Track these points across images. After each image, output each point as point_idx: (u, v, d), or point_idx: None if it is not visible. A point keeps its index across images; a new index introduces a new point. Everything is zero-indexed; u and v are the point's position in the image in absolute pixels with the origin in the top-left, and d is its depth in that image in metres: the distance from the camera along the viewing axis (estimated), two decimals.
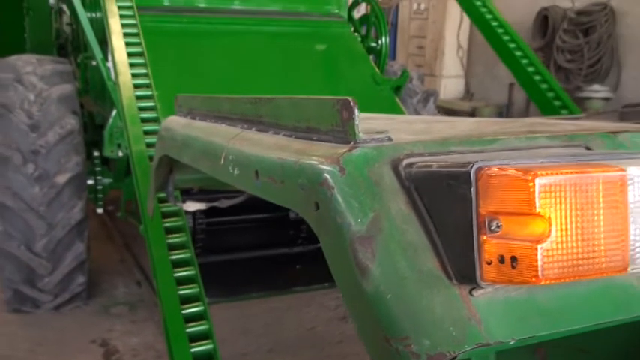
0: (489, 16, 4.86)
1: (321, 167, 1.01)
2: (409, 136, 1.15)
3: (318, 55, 5.57)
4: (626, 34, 9.28)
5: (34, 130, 4.39)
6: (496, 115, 10.43)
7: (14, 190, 4.30)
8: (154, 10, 5.11)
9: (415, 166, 0.99)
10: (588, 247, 0.88)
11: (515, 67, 4.66)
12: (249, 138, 1.32)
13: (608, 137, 1.18)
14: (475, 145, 1.07)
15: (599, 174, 0.88)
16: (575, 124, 1.47)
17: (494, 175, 0.86)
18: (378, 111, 5.20)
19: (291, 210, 1.20)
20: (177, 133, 1.84)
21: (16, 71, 4.59)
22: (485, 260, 0.88)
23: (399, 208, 0.96)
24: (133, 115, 3.36)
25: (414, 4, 12.22)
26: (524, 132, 1.20)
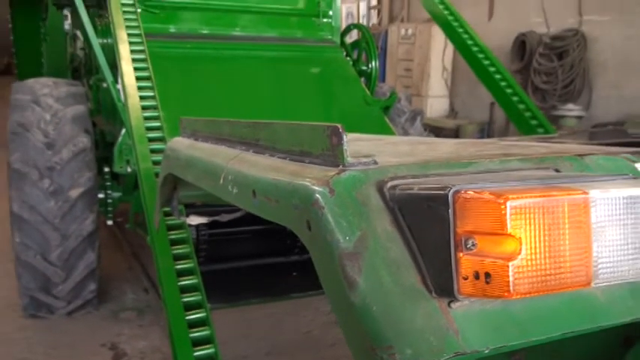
0: (470, 42, 4.88)
1: (312, 188, 1.02)
2: (394, 158, 1.16)
3: (313, 78, 5.60)
4: (596, 58, 9.36)
5: (50, 147, 4.41)
6: (478, 131, 10.46)
7: (31, 203, 4.30)
8: (160, 36, 5.14)
9: (398, 188, 1.00)
10: (555, 264, 0.89)
11: (495, 89, 4.68)
12: (248, 159, 1.33)
13: (575, 160, 1.20)
14: (453, 167, 1.08)
15: (564, 197, 0.89)
16: (547, 146, 1.48)
17: (470, 197, 0.88)
18: (368, 130, 5.23)
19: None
20: (182, 153, 1.85)
21: (34, 93, 4.61)
22: (462, 276, 0.89)
23: (383, 227, 0.97)
24: (141, 135, 3.37)
25: (401, 29, 12.27)
26: (498, 155, 1.22)
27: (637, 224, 0.93)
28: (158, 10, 5.27)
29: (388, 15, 13.49)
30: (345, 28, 6.38)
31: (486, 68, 4.69)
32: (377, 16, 13.88)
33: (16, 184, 4.33)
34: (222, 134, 1.60)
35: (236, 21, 5.59)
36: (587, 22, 9.41)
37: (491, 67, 4.71)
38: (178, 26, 5.39)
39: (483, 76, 4.74)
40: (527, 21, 10.23)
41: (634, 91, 8.90)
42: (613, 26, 9.08)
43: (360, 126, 5.24)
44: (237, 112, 4.88)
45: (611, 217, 0.92)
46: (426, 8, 5.37)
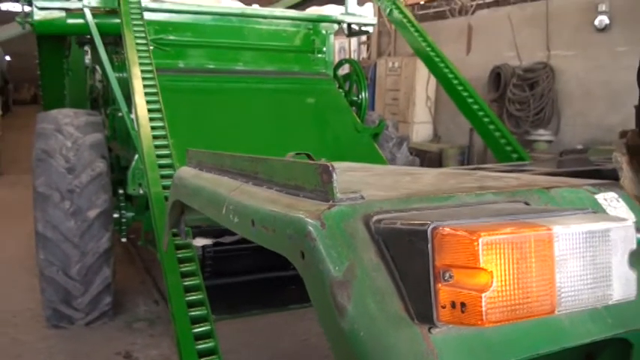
0: (451, 75, 4.91)
1: (305, 221, 1.02)
2: (379, 192, 1.16)
3: (308, 108, 5.62)
4: (563, 88, 9.44)
5: (71, 172, 4.41)
6: (459, 154, 10.49)
7: (54, 223, 4.30)
8: (170, 71, 5.17)
9: (383, 222, 1.00)
10: (523, 294, 0.89)
11: (474, 118, 4.70)
12: (247, 191, 1.33)
13: (543, 192, 1.20)
14: (433, 201, 1.09)
15: (531, 233, 0.90)
16: (519, 177, 1.49)
17: (447, 233, 0.89)
18: (359, 155, 5.26)
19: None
20: (188, 182, 1.85)
21: (57, 123, 4.63)
22: (441, 305, 0.89)
23: (369, 258, 0.97)
24: (152, 162, 3.38)
25: (389, 62, 12.34)
26: (474, 188, 1.22)
27: (595, 256, 0.94)
28: (168, 48, 5.32)
29: (377, 50, 13.57)
30: (337, 63, 6.42)
31: (465, 99, 4.72)
32: (367, 51, 13.96)
33: (40, 206, 4.33)
34: (224, 166, 1.60)
35: (238, 57, 5.63)
36: (554, 57, 9.50)
37: (470, 98, 4.73)
38: (186, 62, 5.42)
39: (462, 106, 4.77)
40: (501, 55, 10.31)
41: (597, 118, 8.97)
42: (577, 60, 9.18)
43: (351, 152, 5.27)
44: (239, 139, 4.90)
45: (573, 250, 0.93)
46: (410, 45, 5.41)
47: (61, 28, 5.15)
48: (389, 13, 5.51)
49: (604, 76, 8.77)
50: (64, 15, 5.01)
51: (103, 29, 4.92)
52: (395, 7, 5.46)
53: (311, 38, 5.92)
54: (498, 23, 10.43)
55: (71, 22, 5.05)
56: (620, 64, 8.53)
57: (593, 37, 8.83)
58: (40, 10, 4.95)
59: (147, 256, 6.29)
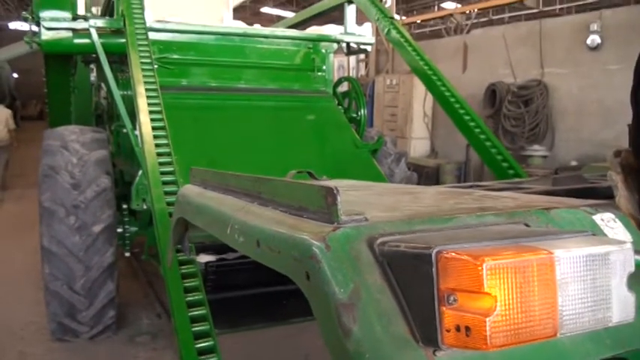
0: (448, 93, 4.92)
1: (310, 242, 1.01)
2: (381, 213, 1.16)
3: (308, 125, 5.63)
4: (557, 105, 9.47)
5: (76, 188, 4.41)
6: (456, 169, 10.48)
7: (59, 238, 4.29)
8: (174, 89, 5.18)
9: (387, 245, 1.00)
10: (526, 318, 0.88)
11: (470, 135, 4.70)
12: (252, 211, 1.32)
13: (542, 213, 1.20)
14: (435, 223, 1.08)
15: (533, 257, 0.89)
16: (517, 197, 1.48)
17: (451, 257, 0.88)
18: (358, 170, 5.27)
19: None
20: (192, 200, 1.84)
21: (63, 139, 4.63)
22: (445, 328, 0.89)
23: (374, 280, 0.96)
24: (156, 179, 3.37)
25: (387, 80, 12.38)
26: (475, 208, 1.22)
27: (595, 279, 0.93)
28: (172, 66, 5.33)
29: (375, 67, 13.62)
30: (337, 81, 6.44)
31: (462, 116, 4.72)
32: (365, 68, 14.01)
33: (46, 221, 4.32)
34: (229, 185, 1.59)
35: (240, 75, 5.65)
36: (548, 74, 9.54)
37: (466, 115, 4.73)
38: (189, 80, 5.44)
39: (459, 123, 4.77)
40: (496, 73, 10.35)
41: (590, 134, 9.00)
42: (570, 78, 9.23)
43: (350, 168, 5.27)
44: (241, 156, 4.91)
45: (574, 273, 0.92)
46: (408, 64, 5.42)
47: (67, 47, 5.17)
48: (387, 32, 5.53)
49: (596, 93, 8.81)
50: (70, 35, 5.04)
51: (109, 48, 4.94)
52: (393, 26, 5.48)
53: (311, 57, 5.95)
54: (493, 42, 10.49)
55: (78, 42, 5.07)
56: (612, 82, 8.58)
57: (585, 55, 8.88)
58: (48, 31, 4.98)
59: (150, 269, 6.26)
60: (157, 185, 3.32)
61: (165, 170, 3.45)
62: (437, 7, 25.89)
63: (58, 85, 6.61)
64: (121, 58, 5.45)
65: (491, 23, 23.93)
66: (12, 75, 21.88)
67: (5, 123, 11.45)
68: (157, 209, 3.19)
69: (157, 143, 3.61)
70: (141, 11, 4.62)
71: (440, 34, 20.26)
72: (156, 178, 3.37)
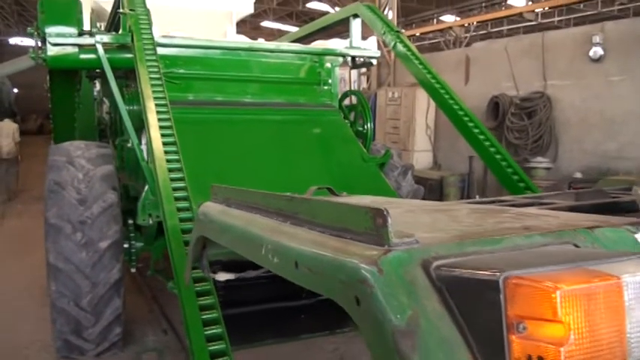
0: (456, 106, 4.90)
1: (361, 266, 0.98)
2: (426, 233, 1.12)
3: (315, 138, 5.61)
4: (560, 116, 9.47)
5: (82, 203, 4.38)
6: (460, 181, 10.46)
7: (65, 254, 4.26)
8: (180, 103, 5.16)
9: (444, 269, 0.96)
10: (597, 346, 0.86)
11: (480, 149, 4.65)
12: (287, 231, 1.29)
13: (587, 233, 1.17)
14: (486, 245, 1.05)
15: (603, 283, 0.86)
16: (556, 214, 1.45)
17: (521, 284, 0.85)
18: (366, 184, 5.24)
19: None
20: (215, 218, 1.81)
21: (69, 155, 4.61)
22: (514, 357, 0.85)
23: (433, 307, 0.93)
24: (168, 195, 3.34)
25: (389, 93, 12.40)
26: (519, 228, 1.19)
27: None
28: (178, 81, 5.32)
29: (377, 80, 13.64)
30: (342, 94, 6.44)
31: (470, 129, 4.71)
32: (367, 82, 14.03)
33: (52, 238, 4.29)
34: (257, 204, 1.56)
35: (246, 89, 5.63)
36: (550, 86, 9.55)
37: (475, 128, 4.72)
38: (195, 94, 5.42)
39: (468, 136, 4.75)
40: (498, 85, 10.36)
41: (593, 145, 9.00)
42: (573, 89, 9.24)
43: (359, 181, 5.25)
44: (248, 170, 4.87)
45: (638, 297, 0.89)
46: (415, 77, 5.41)
47: (73, 62, 5.16)
48: (393, 46, 5.53)
49: (599, 104, 8.81)
50: (76, 50, 5.02)
51: (114, 63, 4.92)
52: (399, 40, 5.48)
53: (317, 71, 5.94)
54: (495, 55, 10.51)
55: (83, 57, 5.06)
56: (614, 93, 8.58)
57: (588, 67, 8.89)
58: (54, 46, 4.96)
59: (155, 284, 6.22)
60: (169, 201, 3.28)
61: (177, 186, 3.42)
62: (436, 20, 26.06)
63: (63, 101, 6.59)
64: (125, 73, 5.44)
65: (489, 36, 24.09)
66: (12, 90, 21.90)
67: (12, 137, 11.97)
68: (169, 225, 3.15)
69: (168, 159, 3.58)
70: (148, 27, 4.61)
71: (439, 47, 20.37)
72: (168, 193, 3.33)
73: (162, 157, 3.57)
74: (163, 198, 3.30)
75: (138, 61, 4.22)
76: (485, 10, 23.20)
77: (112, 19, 5.79)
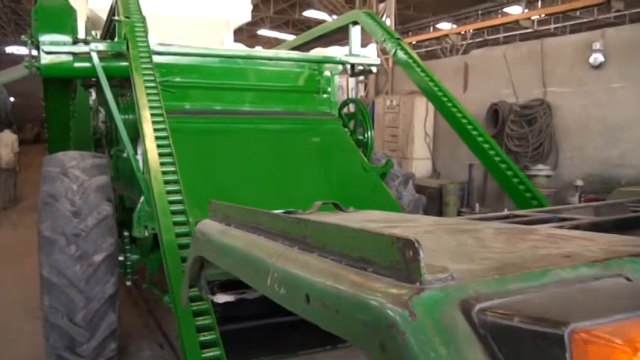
0: (459, 114, 4.79)
1: (389, 308, 0.83)
2: (457, 264, 0.98)
3: (315, 148, 5.47)
4: (560, 123, 9.36)
5: (76, 215, 4.24)
6: (459, 189, 10.32)
7: (59, 268, 4.10)
8: (177, 112, 5.03)
9: (489, 314, 0.81)
10: None
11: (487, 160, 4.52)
12: (295, 258, 1.14)
13: (634, 262, 1.03)
14: (530, 280, 0.90)
15: None
16: (591, 237, 1.31)
17: (592, 341, 0.70)
18: (368, 194, 5.10)
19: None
20: (214, 239, 1.66)
21: (63, 165, 4.48)
22: None
23: (476, 358, 0.78)
24: (164, 208, 3.18)
25: (387, 101, 12.29)
26: (558, 256, 1.04)
27: None
28: (175, 90, 5.19)
29: (374, 88, 13.53)
30: (342, 102, 6.31)
31: (475, 139, 4.58)
32: (364, 89, 13.91)
33: (45, 251, 4.14)
34: (259, 224, 1.41)
35: (244, 97, 5.51)
36: (550, 93, 9.44)
37: (479, 136, 4.58)
38: (192, 103, 5.30)
39: (474, 147, 4.62)
40: (497, 92, 10.25)
41: (594, 152, 8.89)
42: (573, 96, 9.13)
43: (360, 192, 5.11)
44: (247, 181, 4.74)
45: None
46: (416, 84, 5.29)
47: (67, 71, 5.03)
48: (394, 53, 5.40)
49: (600, 111, 8.71)
50: (71, 59, 4.89)
51: (109, 72, 4.80)
52: (400, 47, 5.36)
53: (316, 79, 5.82)
54: (494, 62, 10.41)
55: (78, 66, 4.92)
56: (615, 100, 8.48)
57: (588, 74, 8.79)
58: (48, 55, 4.83)
59: (150, 297, 6.06)
60: (165, 215, 3.13)
61: (173, 199, 3.27)
62: (432, 28, 26.03)
63: (57, 110, 6.45)
64: (121, 82, 5.31)
65: (486, 43, 24.06)
66: (9, 99, 21.74)
67: (11, 147, 12.19)
68: (165, 241, 3.00)
69: (164, 170, 3.43)
70: (144, 34, 4.48)
71: (436, 55, 20.32)
72: (164, 207, 3.18)
73: (158, 169, 3.43)
74: (159, 211, 3.15)
75: (133, 69, 4.09)
76: (482, 18, 23.18)
77: (107, 26, 5.67)
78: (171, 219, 3.12)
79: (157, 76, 4.14)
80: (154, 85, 4.01)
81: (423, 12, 24.05)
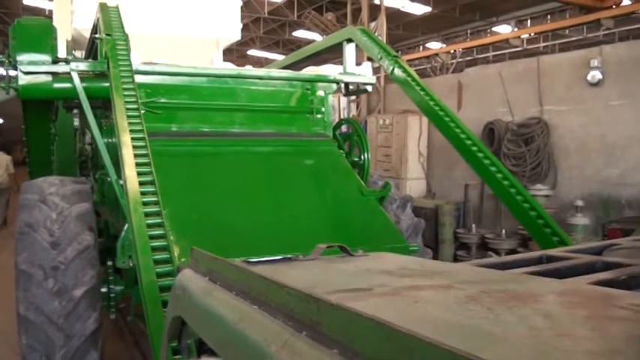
0: (463, 135, 4.50)
1: None
2: None
3: (309, 171, 5.15)
4: (558, 142, 9.11)
5: (55, 247, 3.92)
6: (455, 209, 10.00)
7: (36, 304, 3.76)
8: (162, 135, 4.72)
9: None
10: None
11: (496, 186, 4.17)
12: (306, 353, 0.80)
13: None
14: None
15: None
16: None
17: None
18: (366, 221, 4.76)
19: None
20: (196, 299, 1.32)
21: (42, 192, 4.16)
22: None
23: None
24: (144, 245, 2.82)
25: (380, 120, 12.02)
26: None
27: None
28: (160, 111, 4.87)
29: (366, 107, 13.27)
30: (336, 123, 6.01)
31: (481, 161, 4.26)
32: (356, 109, 13.65)
33: (22, 285, 3.83)
34: (253, 291, 1.08)
35: (234, 118, 5.20)
36: (547, 112, 9.20)
37: (485, 159, 4.28)
38: (179, 125, 4.98)
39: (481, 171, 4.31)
40: (493, 111, 10.00)
41: (593, 171, 8.64)
42: (571, 115, 8.90)
43: (358, 217, 4.78)
44: (236, 207, 4.41)
45: None
46: (415, 103, 4.99)
47: (47, 92, 4.70)
48: (391, 71, 5.11)
49: (599, 130, 8.46)
50: (50, 79, 4.56)
51: (92, 93, 4.48)
52: (398, 65, 5.07)
53: (309, 98, 5.52)
54: (489, 80, 10.18)
55: (58, 87, 4.60)
56: (614, 118, 8.25)
57: (586, 91, 8.56)
58: (26, 75, 4.50)
59: (136, 329, 5.68)
60: (145, 252, 2.77)
61: (154, 234, 2.91)
62: (422, 47, 25.96)
63: (38, 133, 6.10)
64: (104, 103, 5.00)
65: (475, 62, 24.00)
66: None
67: (6, 168, 12.38)
68: (144, 282, 2.63)
69: (145, 201, 3.08)
70: (126, 53, 4.17)
71: (426, 74, 20.17)
72: (144, 244, 2.82)
73: (138, 199, 3.07)
74: (138, 248, 2.79)
75: (113, 90, 3.76)
76: (471, 37, 23.14)
77: (90, 46, 5.35)
78: (151, 257, 2.76)
79: (139, 97, 3.82)
80: (136, 106, 3.68)
81: (412, 31, 23.99)
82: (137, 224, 2.91)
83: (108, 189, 5.09)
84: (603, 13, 14.09)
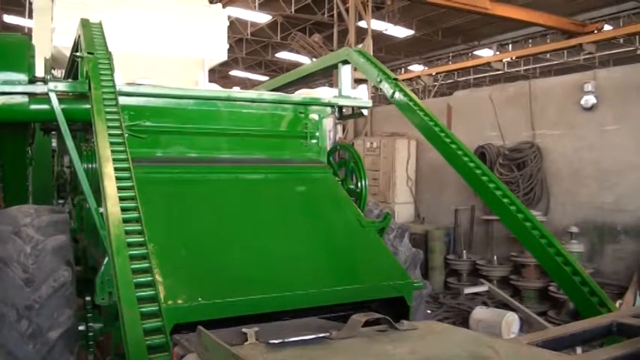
0: (472, 164, 4.17)
1: None
2: None
3: (303, 200, 4.80)
4: (552, 167, 8.92)
5: (29, 284, 3.50)
6: (445, 235, 9.71)
7: (8, 348, 3.35)
8: (147, 161, 4.34)
9: None
10: None
11: (517, 228, 3.78)
12: None
13: None
14: None
15: None
16: None
17: None
18: (366, 254, 4.41)
19: None
20: None
21: (15, 223, 3.74)
22: None
23: None
24: (129, 296, 2.40)
25: (367, 142, 11.76)
26: None
27: None
28: (145, 135, 4.49)
29: (353, 130, 13.00)
30: (331, 148, 5.66)
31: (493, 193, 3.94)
32: (343, 131, 13.38)
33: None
34: None
35: (223, 143, 4.83)
36: (540, 136, 9.02)
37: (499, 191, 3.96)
38: (165, 150, 4.60)
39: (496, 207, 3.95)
40: (483, 134, 9.79)
41: (587, 197, 8.45)
42: (564, 139, 8.73)
43: (358, 251, 4.43)
44: (226, 240, 4.03)
45: None
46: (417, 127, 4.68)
47: (23, 114, 4.31)
48: (392, 95, 4.80)
49: (593, 155, 8.28)
50: (26, 100, 4.18)
51: (71, 115, 4.09)
52: (398, 89, 4.77)
53: (302, 122, 5.19)
54: (479, 103, 9.99)
55: (35, 108, 4.22)
56: (609, 143, 8.08)
57: (579, 116, 8.40)
58: (0, 95, 4.11)
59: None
60: (131, 305, 2.36)
61: (141, 281, 2.51)
62: (404, 70, 25.95)
63: (13, 158, 5.68)
64: (84, 126, 4.61)
65: (456, 85, 24.01)
66: None
67: None
68: (129, 339, 2.23)
69: (131, 242, 2.68)
70: (110, 72, 3.79)
71: None
72: (129, 295, 2.41)
73: (123, 240, 2.67)
74: (123, 300, 2.38)
75: (95, 113, 3.37)
76: (453, 60, 23.16)
77: (70, 65, 4.97)
78: (138, 310, 2.36)
79: (123, 121, 3.44)
80: (120, 132, 3.30)
81: (395, 54, 23.97)
82: (121, 271, 2.51)
83: (87, 215, 4.67)
84: (585, 38, 14.10)
